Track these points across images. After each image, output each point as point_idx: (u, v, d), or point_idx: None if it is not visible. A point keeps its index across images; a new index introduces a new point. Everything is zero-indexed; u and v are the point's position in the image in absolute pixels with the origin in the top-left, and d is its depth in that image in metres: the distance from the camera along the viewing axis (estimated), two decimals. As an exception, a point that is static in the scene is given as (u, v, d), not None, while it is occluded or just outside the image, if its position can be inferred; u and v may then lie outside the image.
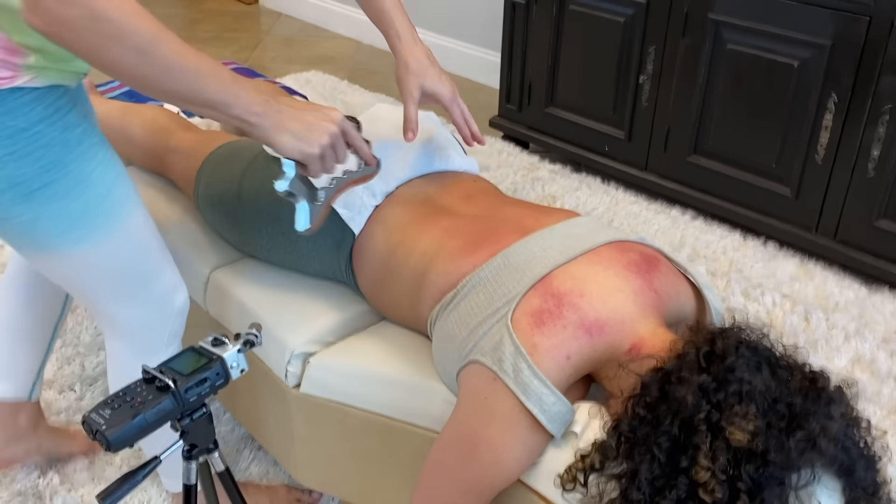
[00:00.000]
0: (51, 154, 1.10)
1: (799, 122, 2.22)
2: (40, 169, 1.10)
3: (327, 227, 1.39)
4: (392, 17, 1.34)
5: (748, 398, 0.93)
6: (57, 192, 1.12)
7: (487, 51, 3.63)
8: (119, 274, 1.23)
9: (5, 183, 1.08)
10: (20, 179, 1.09)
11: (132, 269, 1.24)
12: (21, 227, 1.14)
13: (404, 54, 1.34)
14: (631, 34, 2.52)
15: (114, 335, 1.31)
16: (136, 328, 1.29)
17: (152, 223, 1.28)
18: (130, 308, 1.27)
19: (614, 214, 2.55)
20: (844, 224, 2.22)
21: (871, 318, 2.09)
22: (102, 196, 1.17)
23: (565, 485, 1.04)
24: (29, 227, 1.13)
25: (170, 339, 1.33)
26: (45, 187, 1.11)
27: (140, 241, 1.24)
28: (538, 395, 1.05)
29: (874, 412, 1.78)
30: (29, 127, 1.08)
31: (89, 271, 1.21)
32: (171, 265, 1.31)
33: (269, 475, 1.66)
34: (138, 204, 1.25)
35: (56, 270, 1.22)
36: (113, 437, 0.87)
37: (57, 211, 1.13)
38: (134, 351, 1.31)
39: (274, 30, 4.37)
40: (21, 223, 1.13)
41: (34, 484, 1.60)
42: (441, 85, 1.36)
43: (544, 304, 1.09)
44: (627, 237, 1.24)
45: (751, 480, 0.90)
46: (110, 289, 1.24)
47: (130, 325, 1.29)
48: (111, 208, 1.19)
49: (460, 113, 1.40)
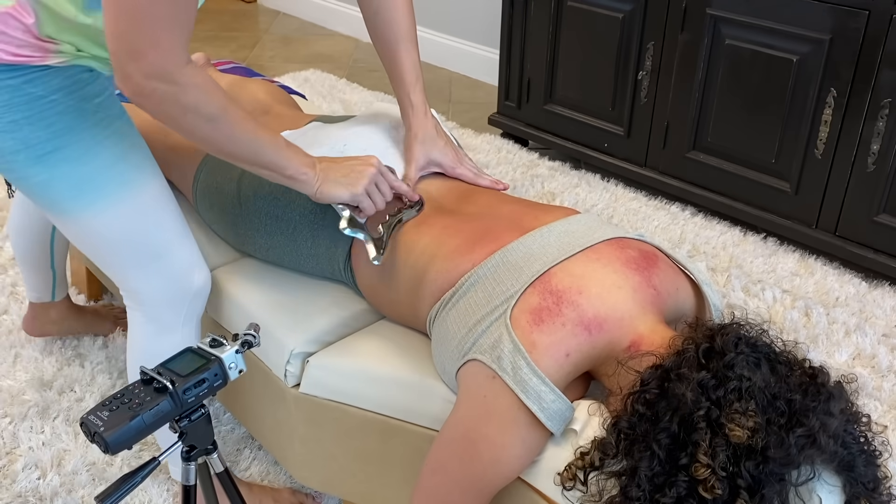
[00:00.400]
0: (64, 120, 1.21)
1: (798, 117, 2.21)
2: (53, 133, 1.21)
3: (327, 225, 1.39)
4: (409, 88, 1.44)
5: (748, 395, 0.93)
6: (68, 156, 1.22)
7: (486, 48, 3.62)
8: (131, 243, 1.31)
9: (20, 144, 1.20)
10: (33, 142, 1.20)
11: (145, 240, 1.31)
12: (38, 188, 1.25)
13: (415, 126, 1.44)
14: (629, 30, 2.51)
15: (133, 306, 1.39)
16: (151, 300, 1.36)
17: (171, 199, 1.35)
18: (146, 279, 1.34)
19: (614, 211, 2.55)
20: (844, 219, 2.21)
21: (872, 313, 2.09)
22: (112, 163, 1.26)
23: (565, 483, 1.04)
24: (44, 188, 1.24)
25: (186, 318, 1.39)
26: (57, 151, 1.21)
27: (153, 212, 1.32)
28: (537, 392, 1.05)
29: (875, 407, 1.78)
30: (47, 94, 1.19)
31: (102, 237, 1.29)
32: (191, 244, 1.38)
33: (269, 475, 1.66)
34: (154, 176, 1.33)
35: (75, 235, 1.31)
36: (111, 438, 0.87)
37: (68, 174, 1.23)
38: (150, 323, 1.38)
39: (272, 28, 4.36)
40: (37, 184, 1.24)
41: (34, 486, 1.60)
42: (444, 156, 1.44)
43: (543, 302, 1.09)
44: (626, 234, 1.24)
45: (750, 477, 0.90)
46: (124, 257, 1.32)
47: (146, 297, 1.36)
48: (122, 176, 1.27)
49: (469, 174, 1.46)
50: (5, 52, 1.15)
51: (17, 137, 1.19)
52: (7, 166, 1.24)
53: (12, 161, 1.22)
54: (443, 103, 3.44)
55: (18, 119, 1.18)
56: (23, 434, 1.71)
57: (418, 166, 1.41)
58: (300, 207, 1.41)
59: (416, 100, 1.44)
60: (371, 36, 1.46)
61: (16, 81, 1.17)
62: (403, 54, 1.43)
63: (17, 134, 1.19)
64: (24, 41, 1.16)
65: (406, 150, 1.44)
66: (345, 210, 1.30)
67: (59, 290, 1.90)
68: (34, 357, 1.93)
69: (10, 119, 1.18)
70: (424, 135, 1.43)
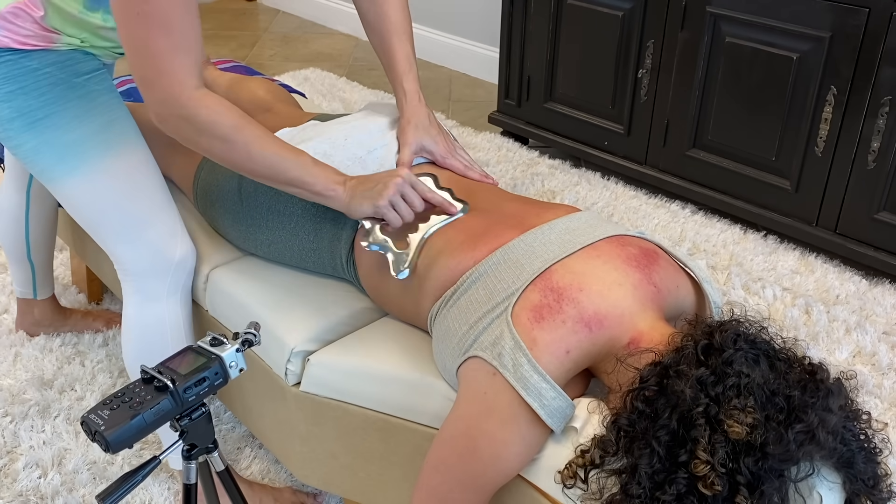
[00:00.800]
0: (55, 91, 1.32)
1: (798, 114, 2.21)
2: (44, 102, 1.31)
3: (329, 219, 1.39)
4: (402, 77, 1.46)
5: (746, 391, 0.93)
6: (56, 123, 1.32)
7: (486, 46, 3.62)
8: (115, 209, 1.38)
9: (15, 112, 1.30)
10: (26, 110, 1.31)
11: (127, 206, 1.39)
12: (30, 153, 1.34)
13: (408, 112, 1.45)
14: (629, 28, 2.51)
15: (123, 277, 1.46)
16: (136, 270, 1.43)
17: (154, 170, 1.43)
18: (130, 248, 1.41)
19: (614, 209, 2.55)
20: (845, 217, 2.21)
21: (872, 310, 2.09)
22: (96, 132, 1.35)
23: (566, 481, 1.04)
24: (35, 153, 1.34)
25: (171, 289, 1.45)
26: (47, 118, 1.31)
27: (135, 180, 1.39)
28: (538, 389, 1.05)
29: (875, 405, 1.78)
30: (41, 68, 1.30)
31: (88, 204, 1.38)
32: (173, 215, 1.44)
33: (270, 474, 1.66)
34: (137, 147, 1.41)
35: (67, 202, 1.40)
36: (112, 437, 0.87)
37: (55, 140, 1.33)
38: (137, 293, 1.45)
39: (272, 27, 4.36)
40: (29, 150, 1.34)
41: (35, 485, 1.61)
42: (435, 144, 1.44)
43: (544, 300, 1.09)
44: (627, 231, 1.24)
45: (750, 473, 0.90)
46: (109, 224, 1.40)
47: (130, 266, 1.43)
48: (105, 144, 1.36)
49: (459, 165, 1.46)
50: (12, 40, 1.28)
51: (13, 106, 1.30)
52: (5, 134, 1.33)
53: (9, 128, 1.32)
54: (443, 101, 3.43)
55: (15, 89, 1.29)
56: (23, 433, 1.72)
57: (411, 150, 1.42)
58: (302, 202, 1.41)
59: (408, 88, 1.46)
60: (365, 29, 1.50)
61: (15, 57, 1.29)
62: (396, 45, 1.46)
63: (13, 102, 1.30)
64: (31, 31, 1.28)
65: (400, 135, 1.45)
66: (368, 223, 1.29)
67: (42, 288, 1.94)
68: (35, 356, 1.93)
69: (7, 90, 1.29)
70: (417, 121, 1.44)
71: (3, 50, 1.28)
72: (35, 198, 1.80)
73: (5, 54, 1.28)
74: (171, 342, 1.47)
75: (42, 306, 1.96)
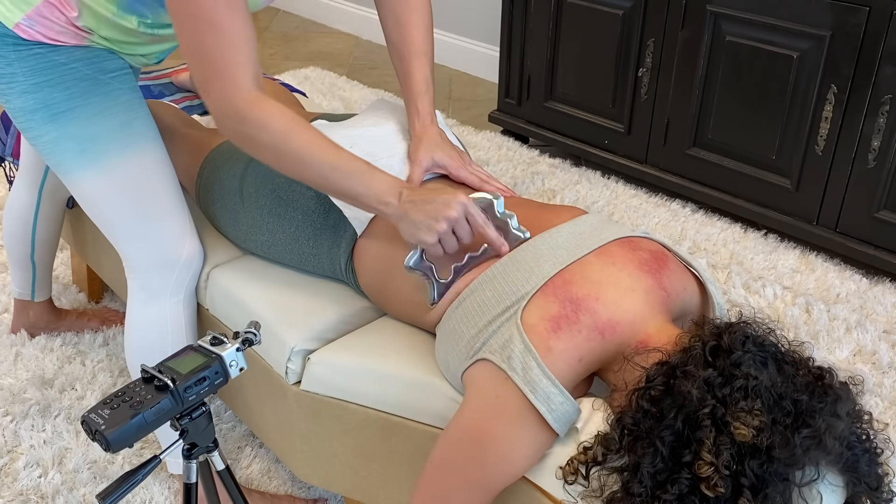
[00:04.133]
0: (80, 86, 1.34)
1: (799, 113, 2.21)
2: (69, 95, 1.34)
3: (329, 226, 1.39)
4: (417, 98, 1.44)
5: (754, 394, 0.93)
6: (78, 116, 1.34)
7: (486, 45, 3.62)
8: (127, 205, 1.40)
9: (39, 103, 1.33)
10: (51, 102, 1.33)
11: (139, 203, 1.40)
12: (49, 145, 1.36)
13: (419, 131, 1.43)
14: (629, 27, 2.51)
15: (128, 272, 1.47)
16: (141, 267, 1.45)
17: (169, 170, 1.44)
18: (139, 244, 1.43)
19: (614, 208, 2.55)
20: (845, 215, 2.21)
21: (873, 309, 2.09)
22: (117, 128, 1.37)
23: (567, 477, 1.04)
24: (54, 145, 1.36)
25: (174, 288, 1.46)
26: (70, 111, 1.34)
27: (150, 178, 1.41)
28: (546, 393, 1.05)
29: (876, 404, 1.78)
30: (68, 62, 1.33)
31: (102, 198, 1.40)
32: (184, 215, 1.46)
33: (270, 473, 1.66)
34: (155, 147, 1.42)
35: (80, 195, 1.41)
36: (112, 436, 0.87)
37: (75, 133, 1.35)
38: (141, 291, 1.46)
39: (272, 26, 4.36)
40: (48, 142, 1.36)
41: (36, 484, 1.60)
42: (448, 158, 1.40)
43: (562, 310, 1.09)
44: (633, 233, 1.23)
45: (754, 476, 0.90)
46: (121, 220, 1.41)
47: (137, 263, 1.45)
48: (124, 140, 1.38)
49: (475, 179, 1.41)
50: (44, 36, 1.31)
51: (38, 97, 1.33)
52: (26, 124, 1.36)
53: (31, 119, 1.34)
54: (443, 100, 3.43)
55: (41, 82, 1.32)
56: (24, 432, 1.71)
57: (422, 168, 1.40)
58: (303, 206, 1.41)
59: (422, 108, 1.44)
60: (389, 50, 1.49)
61: (44, 50, 1.32)
62: (416, 66, 1.44)
63: (39, 94, 1.33)
64: (63, 29, 1.31)
65: (411, 153, 1.43)
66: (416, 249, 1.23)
67: (40, 290, 1.95)
68: (35, 355, 1.93)
69: (34, 81, 1.32)
70: (429, 139, 1.41)
71: (34, 43, 1.31)
72: (46, 197, 1.80)
73: (35, 48, 1.31)
74: (172, 342, 1.47)
75: (38, 308, 1.97)
